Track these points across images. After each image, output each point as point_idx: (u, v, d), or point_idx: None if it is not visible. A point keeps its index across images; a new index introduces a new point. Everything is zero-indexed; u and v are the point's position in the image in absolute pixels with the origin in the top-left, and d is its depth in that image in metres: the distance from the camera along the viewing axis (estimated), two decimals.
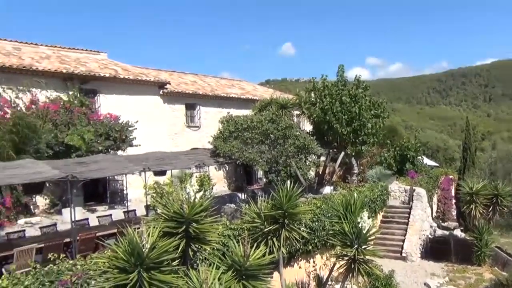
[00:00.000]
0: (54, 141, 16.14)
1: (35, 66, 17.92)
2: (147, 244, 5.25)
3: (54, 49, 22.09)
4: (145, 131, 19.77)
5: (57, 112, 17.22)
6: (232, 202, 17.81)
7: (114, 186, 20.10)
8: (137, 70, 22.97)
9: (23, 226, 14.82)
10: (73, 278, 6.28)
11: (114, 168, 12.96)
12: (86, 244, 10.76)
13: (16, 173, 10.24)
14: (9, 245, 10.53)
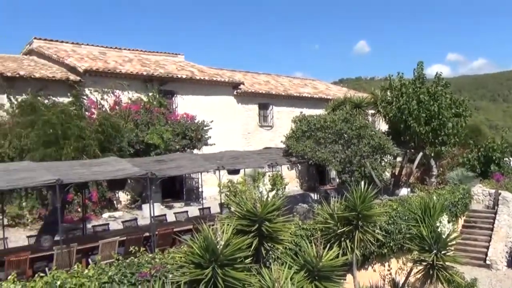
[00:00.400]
0: (135, 139, 17.04)
1: (118, 69, 19.01)
2: (221, 241, 5.36)
3: (136, 52, 23.29)
4: (220, 131, 20.23)
5: (138, 113, 18.14)
6: (304, 202, 17.72)
7: (190, 183, 20.77)
8: (212, 71, 23.58)
9: (107, 220, 15.77)
10: (152, 270, 6.57)
11: (190, 166, 13.39)
12: (164, 238, 11.22)
13: (101, 170, 10.92)
14: (95, 237, 11.26)
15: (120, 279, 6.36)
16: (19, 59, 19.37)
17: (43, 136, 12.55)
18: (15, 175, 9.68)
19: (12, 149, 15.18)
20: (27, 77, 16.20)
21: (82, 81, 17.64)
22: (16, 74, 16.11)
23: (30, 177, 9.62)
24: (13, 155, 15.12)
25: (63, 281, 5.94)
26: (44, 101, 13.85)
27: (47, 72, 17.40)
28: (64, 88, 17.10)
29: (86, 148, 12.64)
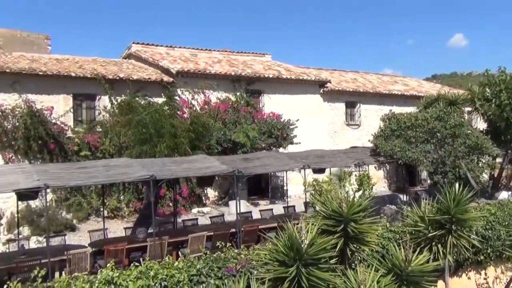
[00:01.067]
0: (223, 138, 17.53)
1: (208, 70, 19.69)
2: (305, 240, 5.34)
3: (225, 53, 23.96)
4: (305, 129, 20.15)
5: (226, 112, 18.65)
6: (392, 203, 17.07)
7: (275, 182, 20.94)
8: (299, 70, 23.55)
9: (196, 215, 16.41)
10: (237, 266, 6.72)
11: (276, 165, 13.49)
12: (250, 235, 11.42)
13: (191, 167, 11.39)
14: (185, 231, 11.77)
15: (207, 273, 6.58)
16: (119, 62, 20.82)
17: (139, 134, 13.34)
18: (115, 170, 10.42)
19: (112, 146, 16.42)
20: (126, 79, 17.37)
21: (175, 82, 18.53)
22: (116, 77, 17.34)
23: (128, 173, 10.29)
24: (113, 152, 16.34)
25: (156, 271, 6.28)
26: (140, 102, 14.75)
27: (143, 74, 18.53)
28: (158, 89, 18.10)
29: (177, 146, 13.25)
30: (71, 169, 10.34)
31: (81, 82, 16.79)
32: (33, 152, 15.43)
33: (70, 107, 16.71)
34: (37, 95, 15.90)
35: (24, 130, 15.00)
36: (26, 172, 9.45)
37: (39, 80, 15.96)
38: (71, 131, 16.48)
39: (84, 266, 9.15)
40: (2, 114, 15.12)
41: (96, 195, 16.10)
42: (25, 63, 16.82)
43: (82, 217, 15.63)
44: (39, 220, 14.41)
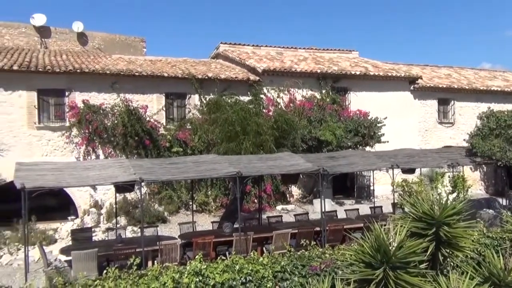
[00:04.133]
0: (308, 136, 17.45)
1: (294, 68, 19.71)
2: (393, 243, 5.14)
3: (310, 51, 23.83)
4: (394, 128, 19.45)
5: (311, 109, 18.55)
6: (490, 207, 15.89)
7: (361, 181, 20.45)
8: (387, 66, 22.76)
9: (280, 212, 16.53)
10: (322, 265, 6.65)
11: (362, 164, 13.16)
12: (334, 234, 11.27)
13: (276, 165, 11.48)
14: (269, 227, 11.90)
15: (291, 270, 6.59)
16: (208, 62, 21.55)
17: (226, 132, 13.69)
18: (203, 166, 10.81)
19: (201, 143, 17.04)
20: (214, 78, 17.93)
21: (261, 80, 18.79)
22: (205, 76, 17.96)
23: (215, 169, 10.62)
24: (201, 148, 16.97)
25: (241, 266, 6.40)
26: (227, 100, 15.12)
27: (230, 73, 19.01)
28: (245, 87, 18.47)
29: (263, 144, 13.41)
30: (163, 164, 10.89)
31: (173, 82, 17.63)
32: (130, 148, 16.50)
33: (163, 105, 17.62)
34: (133, 95, 16.96)
35: (122, 127, 16.07)
36: (124, 167, 10.12)
37: (135, 81, 17.01)
38: (163, 128, 17.38)
39: (174, 257, 9.61)
40: (102, 113, 16.33)
41: (185, 190, 16.83)
42: (123, 64, 18.00)
43: (172, 210, 16.43)
44: (134, 211, 15.39)
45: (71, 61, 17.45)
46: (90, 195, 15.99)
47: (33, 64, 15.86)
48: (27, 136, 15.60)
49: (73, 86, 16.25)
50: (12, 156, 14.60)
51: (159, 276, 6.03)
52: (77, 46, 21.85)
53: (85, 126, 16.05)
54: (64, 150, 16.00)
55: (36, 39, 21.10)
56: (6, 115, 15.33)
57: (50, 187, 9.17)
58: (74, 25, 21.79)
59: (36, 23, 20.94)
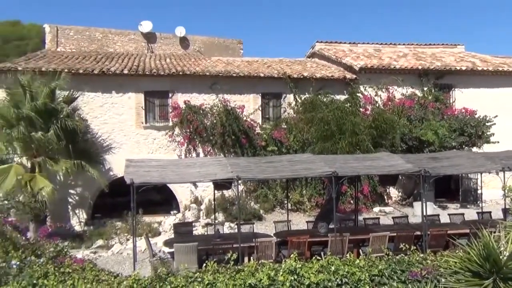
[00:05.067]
0: (408, 135, 16.71)
1: (392, 65, 18.98)
2: (505, 252, 4.74)
3: (411, 47, 22.79)
4: (506, 127, 17.89)
5: (412, 108, 17.73)
6: None
7: (467, 184, 19.10)
8: (498, 60, 21.00)
9: (377, 214, 16.01)
10: (423, 271, 6.33)
11: (469, 166, 12.27)
12: (437, 240, 10.65)
13: (373, 165, 11.14)
14: (366, 229, 11.58)
15: (389, 274, 6.36)
16: (303, 62, 21.55)
17: (321, 131, 13.58)
18: (298, 165, 10.82)
19: (296, 142, 17.10)
20: (309, 77, 17.88)
21: (358, 78, 18.36)
22: (300, 76, 17.98)
23: (310, 168, 10.58)
24: (296, 148, 17.02)
25: (337, 267, 6.31)
26: (323, 99, 15.01)
27: (326, 72, 18.82)
28: (341, 86, 18.17)
29: (359, 143, 13.10)
30: (260, 163, 11.09)
31: (268, 82, 17.88)
32: (227, 146, 17.05)
33: (259, 105, 17.95)
34: (231, 95, 17.49)
35: (220, 126, 16.66)
36: (222, 165, 10.48)
37: (232, 81, 17.52)
38: (259, 127, 17.70)
39: (269, 254, 9.74)
40: (202, 113, 17.06)
41: (280, 188, 17.00)
42: (221, 66, 18.65)
43: (268, 208, 16.68)
44: (231, 208, 15.87)
45: (174, 64, 18.47)
46: (190, 191, 16.81)
47: (140, 68, 17.05)
48: (135, 135, 16.80)
49: (176, 87, 17.18)
50: (122, 154, 15.85)
51: (255, 272, 6.16)
52: (179, 49, 23.08)
53: (186, 126, 16.88)
54: (167, 148, 16.99)
55: (143, 44, 22.67)
56: (118, 116, 16.65)
57: (155, 183, 9.79)
58: (177, 30, 23.06)
59: (143, 29, 22.49)
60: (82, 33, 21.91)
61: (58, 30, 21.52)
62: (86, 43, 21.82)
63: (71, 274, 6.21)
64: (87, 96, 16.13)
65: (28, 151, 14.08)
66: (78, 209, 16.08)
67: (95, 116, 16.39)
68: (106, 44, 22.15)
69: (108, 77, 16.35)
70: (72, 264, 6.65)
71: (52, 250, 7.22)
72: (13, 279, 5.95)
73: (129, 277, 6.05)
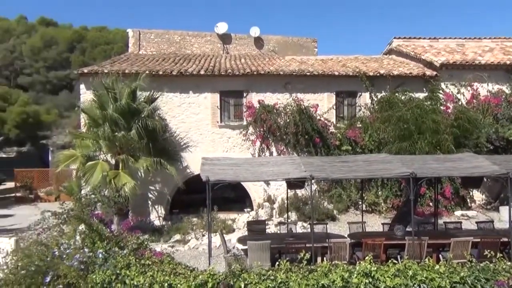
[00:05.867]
0: (495, 135, 15.68)
1: (477, 60, 17.88)
2: None
3: (497, 41, 21.29)
4: None
5: (499, 106, 16.62)
6: None
7: None
8: None
9: (459, 218, 15.16)
10: (510, 281, 5.91)
11: None
12: None
13: (455, 166, 10.54)
14: (446, 234, 11.01)
15: (473, 282, 6.00)
16: (379, 59, 20.92)
17: (399, 131, 13.11)
18: (374, 166, 10.52)
19: (372, 142, 16.67)
20: (386, 75, 17.33)
21: (438, 75, 17.51)
22: (377, 73, 17.48)
23: (386, 169, 10.24)
24: (372, 147, 16.60)
25: (414, 272, 6.07)
26: (400, 97, 14.46)
27: (404, 69, 18.13)
28: (420, 83, 17.42)
29: (440, 143, 12.48)
30: (334, 162, 10.93)
31: (343, 80, 17.58)
32: (301, 146, 17.00)
33: (333, 104, 17.71)
34: (304, 94, 17.42)
35: (293, 125, 16.65)
36: (295, 164, 10.45)
37: (306, 80, 17.44)
38: (333, 126, 17.46)
39: (343, 255, 9.58)
40: (276, 112, 17.15)
41: (355, 189, 16.67)
42: (295, 65, 18.63)
43: (341, 208, 16.42)
44: (304, 207, 15.81)
45: (249, 64, 18.73)
46: (264, 190, 16.97)
47: (216, 68, 17.49)
48: (211, 134, 17.27)
49: (250, 87, 17.43)
50: (198, 152, 16.37)
51: (328, 273, 6.09)
52: (254, 50, 23.38)
53: (260, 125, 17.06)
54: (241, 147, 17.27)
55: (219, 45, 23.24)
56: (194, 115, 17.21)
57: (229, 181, 9.98)
58: (251, 31, 23.37)
59: (219, 31, 23.05)
60: (162, 36, 22.90)
61: (140, 34, 22.67)
62: (165, 46, 22.78)
63: (151, 266, 6.50)
64: (166, 96, 16.83)
65: (113, 149, 14.94)
66: (157, 204, 16.85)
67: (173, 116, 17.07)
68: (184, 46, 22.97)
69: (186, 77, 16.95)
70: (152, 257, 6.96)
71: (133, 242, 7.60)
72: (99, 268, 6.34)
73: (205, 272, 6.22)
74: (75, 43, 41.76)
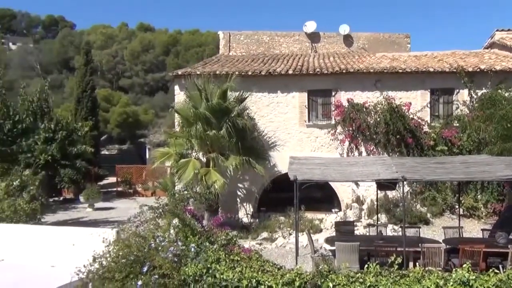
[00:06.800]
0: None
1: None
2: None
3: None
4: None
5: None
6: None
7: None
8: None
9: None
10: None
11: None
12: None
13: None
14: None
15: None
16: (480, 53, 19.54)
17: (502, 130, 12.19)
18: (473, 168, 9.88)
19: (470, 142, 15.62)
20: (487, 70, 16.13)
21: None
22: (476, 69, 16.32)
23: (487, 171, 9.56)
24: (470, 148, 15.55)
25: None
26: (504, 94, 13.39)
27: (508, 64, 16.72)
28: None
29: None
30: (428, 163, 10.43)
31: (439, 77, 16.67)
32: (392, 146, 16.38)
33: (427, 102, 16.84)
34: (396, 92, 16.77)
35: (384, 125, 16.10)
36: (386, 164, 10.12)
37: (398, 78, 16.77)
38: (427, 126, 16.60)
39: (437, 262, 9.10)
40: (365, 111, 16.69)
41: (451, 192, 15.75)
42: (386, 62, 18.00)
43: (436, 212, 15.58)
44: (395, 210, 15.23)
45: (338, 62, 18.45)
46: (352, 190, 16.62)
47: (304, 67, 17.46)
48: (298, 133, 17.26)
49: (338, 86, 17.15)
50: (286, 151, 16.45)
51: (421, 279, 5.81)
52: (343, 48, 22.97)
53: (348, 124, 16.72)
54: (329, 146, 17.06)
55: (307, 44, 23.14)
56: (282, 114, 17.32)
57: (317, 180, 9.93)
58: (340, 28, 22.97)
59: (307, 30, 22.96)
60: (251, 37, 23.32)
61: (230, 36, 23.28)
62: (254, 46, 23.18)
63: (239, 262, 6.65)
64: (255, 96, 17.11)
65: (204, 148, 15.51)
66: (245, 202, 17.21)
67: (261, 115, 17.32)
68: (273, 46, 23.20)
69: (274, 77, 17.12)
70: (240, 253, 7.12)
71: (223, 238, 7.83)
72: (191, 261, 6.62)
73: (292, 271, 6.23)
74: (170, 47, 44.02)
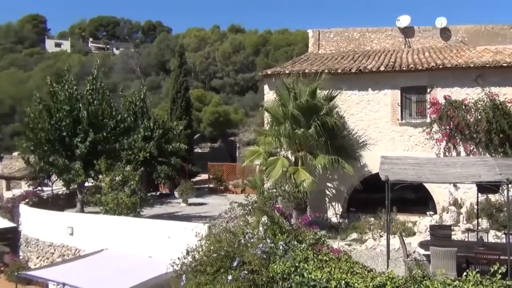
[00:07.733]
0: None
1: None
2: None
3: None
4: None
5: None
6: None
7: None
8: None
9: None
10: None
11: None
12: None
13: None
14: None
15: None
16: None
17: None
18: None
19: None
20: None
21: None
22: None
23: None
24: None
25: None
26: None
27: None
28: None
29: None
30: None
31: None
32: (494, 146, 15.18)
33: None
34: (499, 88, 15.51)
35: (486, 123, 14.98)
36: (488, 165, 9.43)
37: (502, 73, 15.49)
38: None
39: None
40: (465, 108, 15.65)
41: None
42: (488, 56, 16.73)
43: None
44: (498, 214, 14.11)
45: (433, 57, 17.51)
46: (449, 192, 15.68)
47: (397, 64, 16.78)
48: (390, 132, 16.64)
49: (434, 82, 16.25)
50: (377, 150, 15.96)
51: None
52: (439, 42, 21.70)
53: (446, 122, 15.78)
54: (424, 145, 16.24)
55: (400, 40, 22.19)
56: (373, 113, 16.81)
57: (410, 181, 9.51)
58: (437, 22, 21.71)
59: (401, 24, 22.00)
60: (341, 34, 22.89)
61: (319, 34, 23.06)
62: (344, 44, 22.73)
63: (328, 262, 6.59)
64: (344, 94, 16.78)
65: (292, 146, 15.55)
66: (334, 202, 16.98)
67: (351, 114, 16.96)
68: (363, 42, 22.58)
69: (365, 75, 16.67)
70: (329, 253, 7.05)
71: (311, 237, 7.80)
72: (279, 259, 6.68)
73: (383, 274, 6.04)
74: (259, 47, 44.79)
